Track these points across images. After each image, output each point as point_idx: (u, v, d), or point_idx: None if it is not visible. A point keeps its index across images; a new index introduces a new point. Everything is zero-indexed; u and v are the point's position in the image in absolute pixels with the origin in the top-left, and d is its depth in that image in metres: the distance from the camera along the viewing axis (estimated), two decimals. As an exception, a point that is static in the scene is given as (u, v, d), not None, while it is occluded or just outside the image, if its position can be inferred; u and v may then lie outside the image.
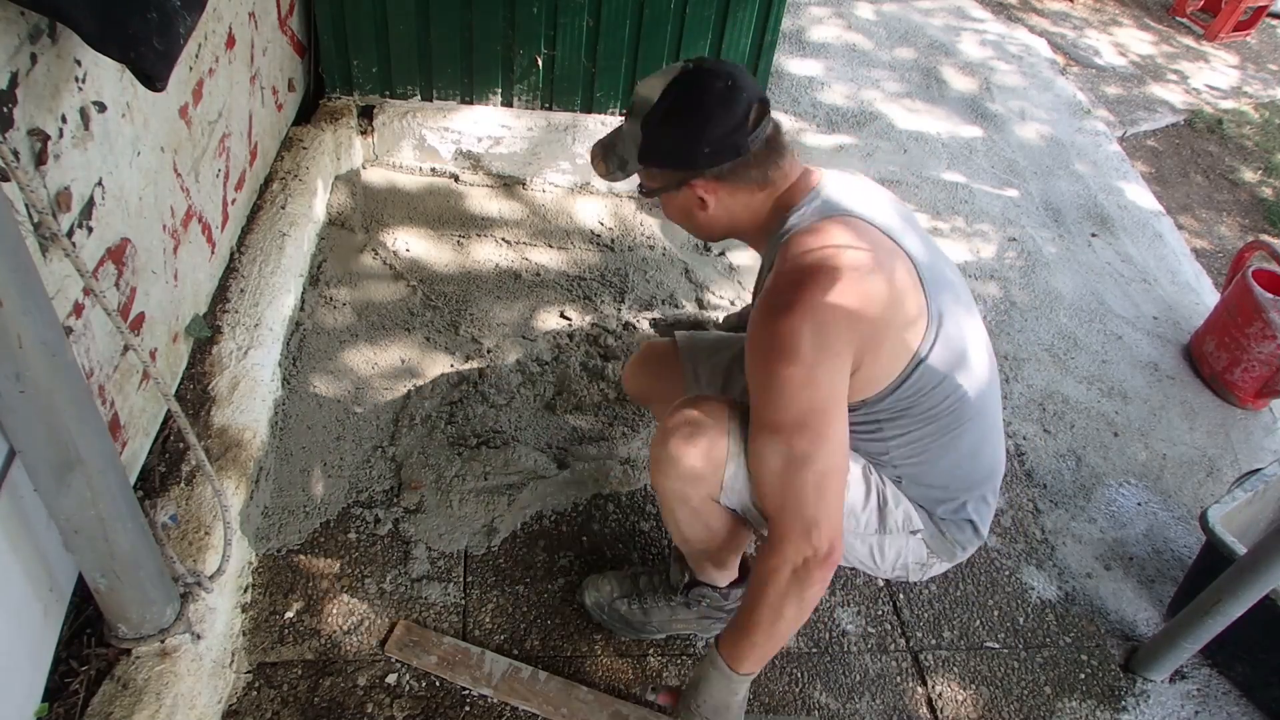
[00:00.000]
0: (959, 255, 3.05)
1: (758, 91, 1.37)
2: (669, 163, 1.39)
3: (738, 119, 1.33)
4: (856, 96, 3.81)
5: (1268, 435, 2.69)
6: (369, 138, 2.76)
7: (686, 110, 1.34)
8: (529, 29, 2.54)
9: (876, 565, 1.59)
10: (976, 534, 1.58)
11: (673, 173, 1.40)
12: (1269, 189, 4.30)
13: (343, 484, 1.96)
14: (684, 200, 1.42)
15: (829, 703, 1.80)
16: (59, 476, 1.14)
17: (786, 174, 1.40)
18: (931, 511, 1.54)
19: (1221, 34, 5.49)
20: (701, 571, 1.70)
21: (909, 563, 1.58)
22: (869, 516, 1.52)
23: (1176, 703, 1.95)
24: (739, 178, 1.38)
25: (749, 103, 1.34)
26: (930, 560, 1.59)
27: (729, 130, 1.33)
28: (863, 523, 1.52)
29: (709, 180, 1.38)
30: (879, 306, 1.29)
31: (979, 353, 1.46)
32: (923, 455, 1.47)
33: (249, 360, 1.90)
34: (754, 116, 1.34)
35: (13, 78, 1.12)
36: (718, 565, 1.67)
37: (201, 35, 1.76)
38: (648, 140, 1.37)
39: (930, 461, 1.48)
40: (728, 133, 1.33)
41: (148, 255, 1.58)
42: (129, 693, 1.35)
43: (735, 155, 1.35)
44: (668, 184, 1.41)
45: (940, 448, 1.46)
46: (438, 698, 1.67)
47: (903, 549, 1.56)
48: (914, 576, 1.62)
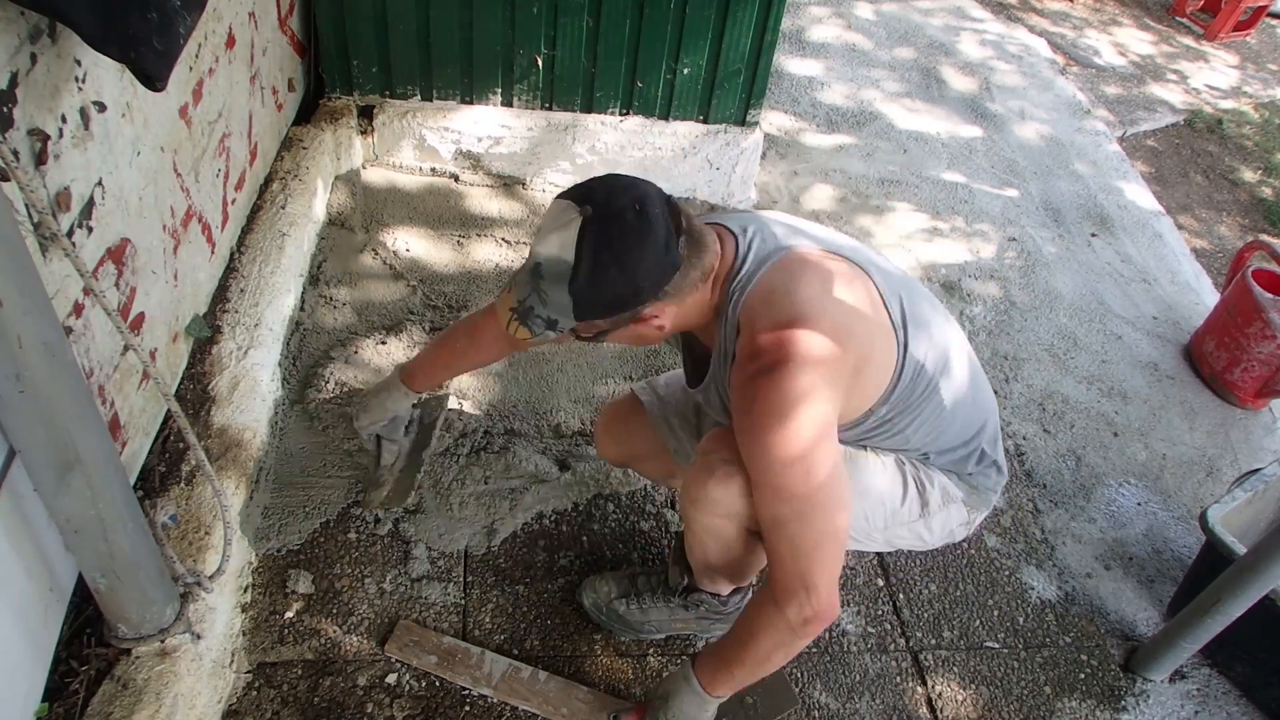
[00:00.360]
0: (959, 255, 3.05)
1: (660, 193, 1.29)
2: (611, 312, 1.29)
3: (663, 238, 1.24)
4: (856, 96, 3.81)
5: (1267, 435, 2.69)
6: (369, 138, 2.76)
7: (611, 258, 1.23)
8: (529, 29, 2.54)
9: (926, 542, 1.62)
10: (1000, 473, 1.60)
11: (618, 316, 1.30)
12: (1269, 189, 4.30)
13: (343, 484, 1.95)
14: (635, 331, 1.35)
15: (829, 703, 1.80)
16: (59, 476, 1.14)
17: (716, 251, 1.34)
18: (960, 472, 1.56)
19: (1221, 34, 5.49)
20: (710, 583, 1.72)
21: (954, 528, 1.61)
22: (910, 505, 1.54)
23: (1176, 703, 1.95)
24: (683, 287, 1.30)
25: (663, 214, 1.25)
26: (972, 516, 1.62)
27: (660, 254, 1.24)
28: (906, 513, 1.54)
29: (657, 304, 1.29)
30: (852, 331, 1.29)
31: (936, 314, 1.47)
32: (937, 427, 1.48)
33: (249, 360, 1.90)
34: (672, 224, 1.26)
35: (13, 78, 1.12)
36: (731, 581, 1.70)
37: (201, 35, 1.76)
38: (580, 302, 1.25)
39: (944, 429, 1.49)
40: (660, 257, 1.24)
41: (148, 255, 1.58)
42: (129, 692, 1.35)
43: (674, 271, 1.27)
44: (614, 325, 1.33)
45: (950, 414, 1.47)
46: (438, 698, 1.67)
47: (946, 519, 1.58)
48: (960, 536, 1.65)
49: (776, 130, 3.48)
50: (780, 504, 1.28)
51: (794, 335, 1.24)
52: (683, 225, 1.28)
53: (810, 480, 1.25)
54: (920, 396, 1.42)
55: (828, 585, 1.29)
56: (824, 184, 3.25)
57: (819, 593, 1.28)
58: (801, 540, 1.27)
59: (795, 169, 3.29)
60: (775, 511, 1.29)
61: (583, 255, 1.22)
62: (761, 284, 1.32)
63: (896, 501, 1.53)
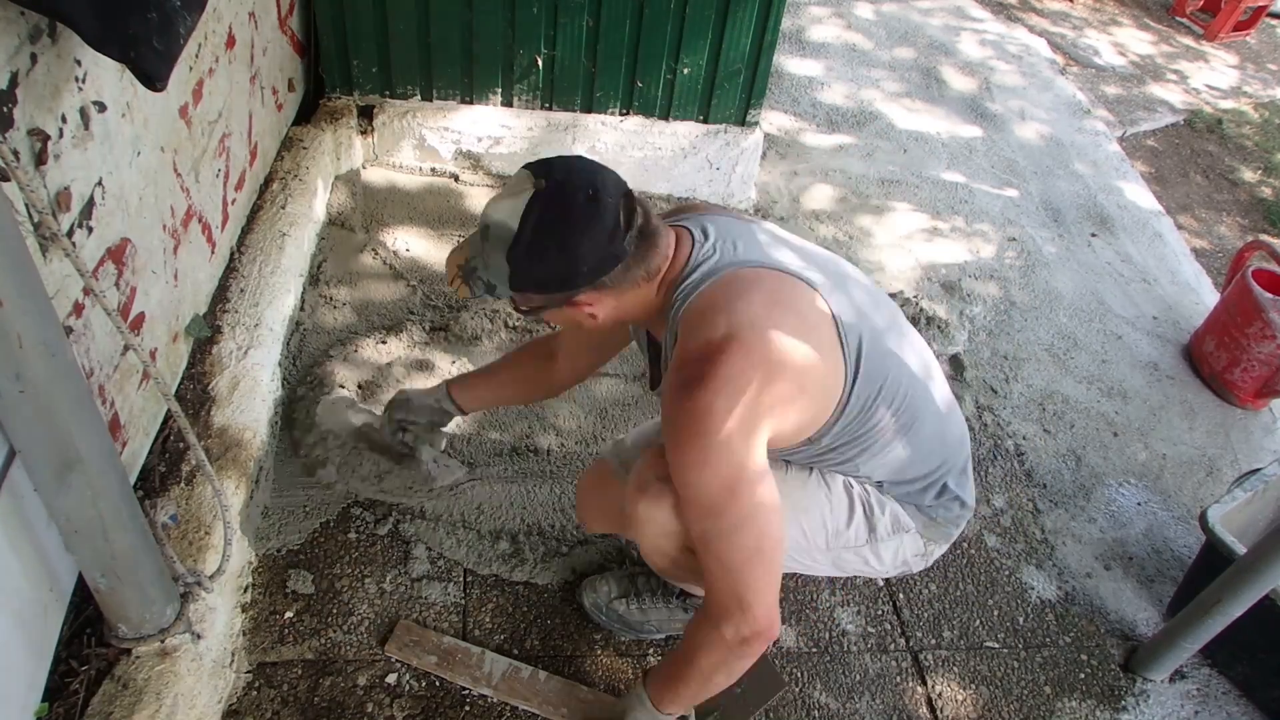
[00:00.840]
0: (959, 255, 3.05)
1: (619, 184, 1.28)
2: (546, 289, 1.30)
3: (609, 228, 1.23)
4: (856, 96, 3.81)
5: (1267, 435, 2.69)
6: (369, 137, 2.76)
7: (553, 235, 1.23)
8: (529, 29, 2.54)
9: (876, 569, 1.60)
10: (964, 507, 1.57)
11: (552, 295, 1.31)
12: (1269, 189, 4.30)
13: (343, 484, 1.95)
14: (569, 314, 1.34)
15: (829, 703, 1.80)
16: (59, 476, 1.14)
17: (666, 254, 1.32)
18: (918, 503, 1.54)
19: (1221, 34, 5.49)
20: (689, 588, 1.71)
21: (908, 558, 1.59)
22: (856, 529, 1.52)
23: (1176, 702, 1.95)
24: (623, 281, 1.29)
25: (616, 205, 1.24)
26: (929, 548, 1.59)
27: (603, 243, 1.24)
28: (851, 536, 1.52)
29: (593, 292, 1.29)
30: (789, 357, 1.25)
31: (904, 346, 1.44)
32: (891, 462, 1.45)
33: (249, 360, 1.90)
34: (624, 218, 1.25)
35: (13, 78, 1.12)
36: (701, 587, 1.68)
37: (201, 35, 1.76)
38: (517, 271, 1.26)
39: (900, 464, 1.47)
40: (602, 245, 1.24)
41: (148, 255, 1.58)
42: (129, 692, 1.35)
43: (615, 264, 1.26)
44: (549, 304, 1.33)
45: (907, 451, 1.45)
46: (437, 697, 1.67)
47: (899, 548, 1.56)
48: (917, 567, 1.63)
49: (776, 130, 3.48)
50: (705, 520, 1.25)
51: (723, 352, 1.22)
52: (635, 221, 1.27)
53: (734, 498, 1.23)
54: (871, 432, 1.39)
55: (763, 603, 1.27)
56: (824, 184, 3.25)
57: (754, 611, 1.26)
58: (730, 557, 1.25)
59: (795, 169, 3.29)
60: (701, 528, 1.26)
61: (526, 227, 1.23)
62: (704, 296, 1.29)
63: (841, 523, 1.51)
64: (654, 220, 1.32)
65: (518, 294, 1.31)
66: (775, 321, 1.26)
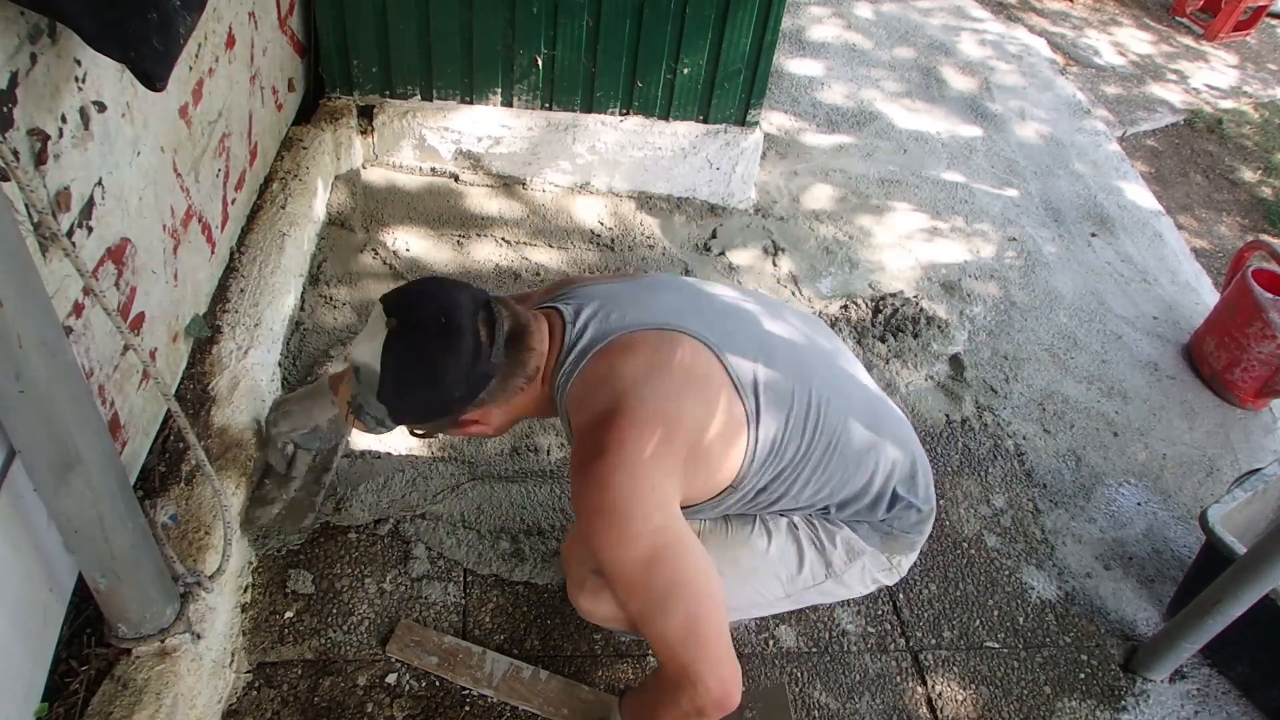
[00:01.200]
0: (959, 255, 3.05)
1: (475, 299, 1.26)
2: (427, 419, 1.33)
3: (470, 350, 1.22)
4: (856, 96, 3.81)
5: (1267, 435, 2.69)
6: (369, 137, 2.76)
7: (414, 371, 1.23)
8: (529, 29, 2.54)
9: (844, 595, 1.58)
10: (920, 512, 1.53)
11: (435, 422, 1.33)
12: (1268, 189, 4.30)
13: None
14: (464, 431, 1.35)
15: (829, 703, 1.80)
16: (59, 476, 1.14)
17: (542, 351, 1.32)
18: (870, 520, 1.50)
19: (1221, 34, 5.49)
20: None
21: (875, 576, 1.56)
22: (811, 570, 1.49)
23: (1176, 702, 1.95)
24: (504, 392, 1.29)
25: (473, 325, 1.23)
26: (895, 560, 1.56)
27: (467, 367, 1.23)
28: (808, 577, 1.50)
29: (476, 410, 1.30)
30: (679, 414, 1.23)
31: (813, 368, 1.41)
32: (828, 482, 1.42)
33: (249, 360, 1.90)
34: (485, 334, 1.24)
35: (13, 77, 1.12)
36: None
37: (201, 35, 1.76)
38: (392, 409, 1.29)
39: (839, 482, 1.43)
40: (467, 369, 1.23)
41: (148, 255, 1.58)
42: (129, 692, 1.35)
43: (487, 381, 1.26)
44: (437, 427, 1.36)
45: (841, 466, 1.42)
46: (437, 697, 1.67)
47: (861, 570, 1.53)
48: (890, 580, 1.60)
49: (776, 130, 3.48)
50: (634, 599, 1.22)
51: (610, 426, 1.20)
52: (499, 334, 1.25)
53: (656, 566, 1.19)
54: (792, 465, 1.37)
55: (714, 675, 1.22)
56: (824, 184, 3.25)
57: (705, 684, 1.22)
58: (669, 632, 1.21)
59: (795, 169, 3.29)
60: (633, 608, 1.23)
61: (387, 369, 1.24)
62: (583, 373, 1.28)
63: (792, 569, 1.48)
64: (521, 318, 1.31)
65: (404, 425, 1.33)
66: (659, 381, 1.24)
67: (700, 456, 1.27)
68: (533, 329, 1.31)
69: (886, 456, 1.47)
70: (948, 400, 2.51)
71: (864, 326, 2.65)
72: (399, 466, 2.00)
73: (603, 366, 1.27)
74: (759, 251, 2.85)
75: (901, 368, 2.54)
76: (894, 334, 2.62)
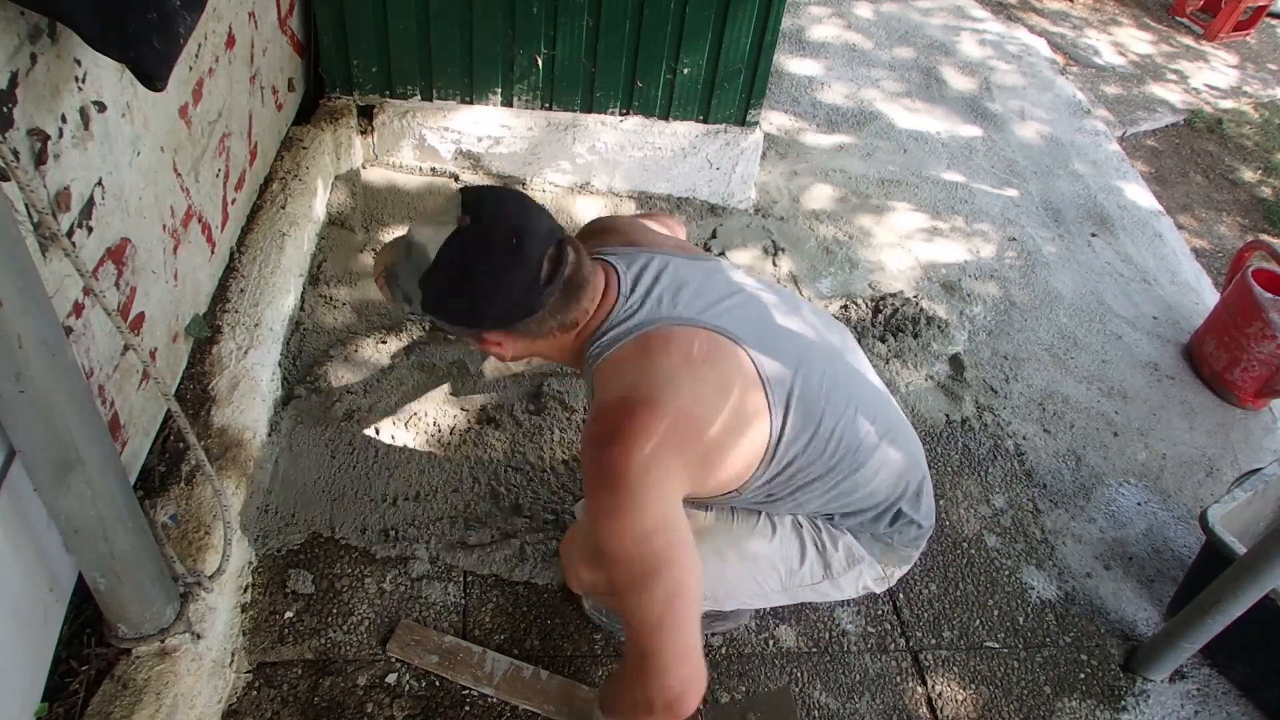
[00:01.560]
0: (959, 255, 3.05)
1: (552, 233, 1.24)
2: (453, 322, 1.29)
3: (527, 280, 1.21)
4: (856, 96, 3.81)
5: (1267, 435, 2.69)
6: (369, 137, 2.76)
7: (466, 277, 1.21)
8: (529, 29, 2.54)
9: (839, 596, 1.59)
10: (920, 529, 1.55)
11: (459, 328, 1.31)
12: (1268, 188, 4.30)
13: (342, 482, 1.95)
14: (480, 344, 1.33)
15: (829, 702, 1.80)
16: (59, 476, 1.14)
17: (588, 309, 1.30)
18: (873, 531, 1.53)
19: (1221, 34, 5.49)
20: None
21: (868, 583, 1.58)
22: (811, 568, 1.51)
23: (1176, 702, 1.95)
24: (535, 329, 1.28)
25: (540, 256, 1.21)
26: (888, 571, 1.58)
27: (517, 295, 1.22)
28: (806, 574, 1.52)
29: (501, 334, 1.29)
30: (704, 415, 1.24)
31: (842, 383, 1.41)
32: (837, 498, 1.44)
33: (249, 360, 1.90)
34: (548, 270, 1.22)
35: (13, 77, 1.12)
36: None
37: (201, 35, 1.76)
38: (427, 299, 1.25)
39: (847, 499, 1.45)
40: (515, 297, 1.22)
41: (148, 255, 1.58)
42: (129, 692, 1.35)
43: (527, 315, 1.25)
44: (458, 333, 1.35)
45: (853, 486, 1.43)
46: (437, 697, 1.67)
47: (858, 577, 1.56)
48: (880, 589, 1.63)
49: (776, 130, 3.48)
50: (618, 571, 1.22)
51: (634, 412, 1.20)
52: (561, 274, 1.24)
53: (645, 549, 1.19)
54: (810, 476, 1.38)
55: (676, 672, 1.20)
56: (824, 184, 3.25)
57: (663, 679, 1.19)
58: (643, 614, 1.20)
59: (795, 169, 3.29)
60: (616, 578, 1.23)
61: (441, 262, 1.21)
62: (619, 352, 1.28)
63: (793, 564, 1.51)
64: (584, 270, 1.28)
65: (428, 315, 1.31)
66: (691, 379, 1.24)
67: (713, 461, 1.28)
68: (589, 284, 1.29)
69: (898, 474, 1.48)
70: (948, 400, 2.51)
71: (864, 326, 2.65)
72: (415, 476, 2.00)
73: (638, 353, 1.27)
74: (759, 251, 2.85)
75: (901, 368, 2.54)
76: (894, 334, 2.62)
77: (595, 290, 1.31)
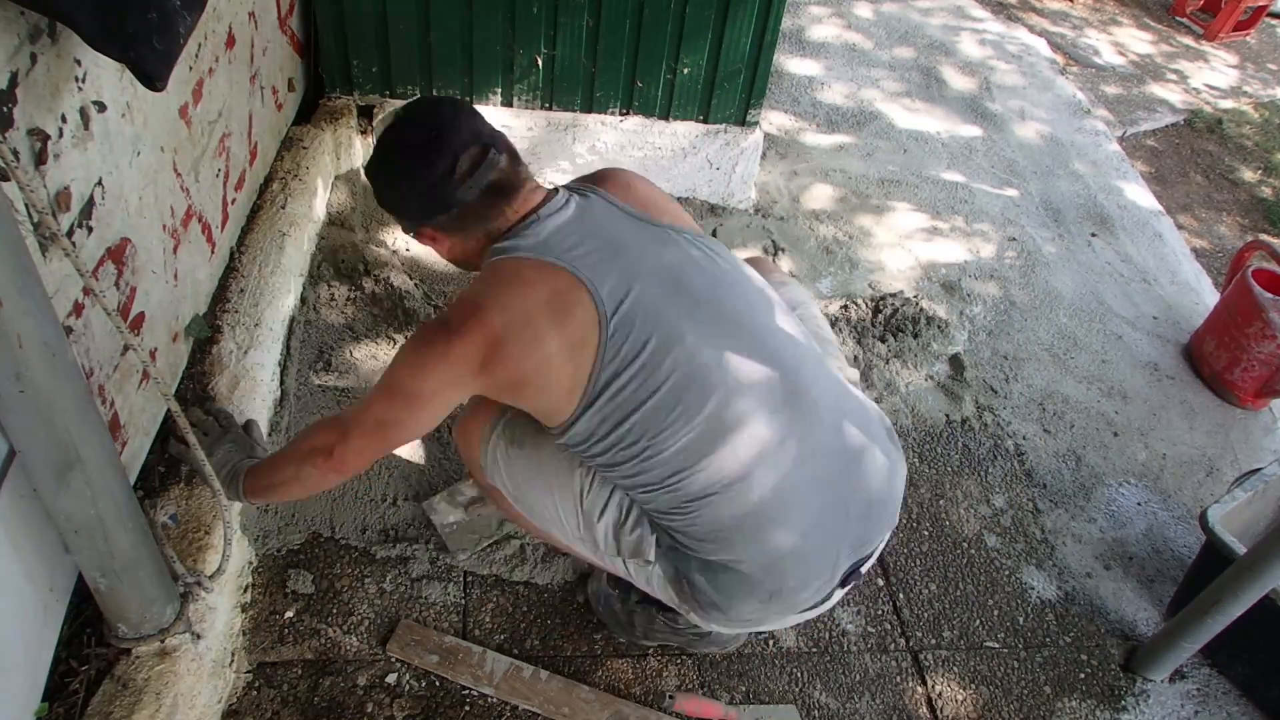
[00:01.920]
0: (959, 255, 3.05)
1: (475, 136, 1.33)
2: (395, 213, 1.43)
3: (439, 174, 1.31)
4: (856, 96, 3.81)
5: (1267, 435, 2.69)
6: (369, 137, 2.76)
7: (387, 165, 1.37)
8: (529, 29, 2.54)
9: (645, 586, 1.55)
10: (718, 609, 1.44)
11: (402, 220, 1.43)
12: (1268, 188, 4.30)
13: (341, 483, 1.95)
14: (419, 238, 1.44)
15: (829, 702, 1.80)
16: (59, 476, 1.14)
17: (512, 218, 1.37)
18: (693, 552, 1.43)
19: (1221, 34, 5.49)
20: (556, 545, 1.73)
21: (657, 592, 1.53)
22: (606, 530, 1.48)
23: (1176, 702, 1.95)
24: (459, 228, 1.37)
25: (455, 154, 1.31)
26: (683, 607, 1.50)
27: (430, 186, 1.32)
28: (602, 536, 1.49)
29: (433, 229, 1.40)
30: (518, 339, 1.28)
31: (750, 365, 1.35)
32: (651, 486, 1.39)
33: (249, 360, 1.90)
34: (464, 168, 1.31)
35: (13, 77, 1.12)
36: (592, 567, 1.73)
37: (201, 35, 1.76)
38: (374, 191, 1.43)
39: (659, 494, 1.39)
40: (430, 188, 1.32)
41: (148, 255, 1.58)
42: (129, 692, 1.35)
43: (442, 211, 1.34)
44: (405, 226, 1.44)
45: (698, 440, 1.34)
46: (437, 697, 1.67)
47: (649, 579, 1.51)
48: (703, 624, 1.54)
49: (776, 130, 3.48)
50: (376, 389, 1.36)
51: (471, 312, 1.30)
52: (480, 176, 1.32)
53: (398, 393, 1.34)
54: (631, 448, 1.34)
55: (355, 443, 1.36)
56: (824, 184, 3.25)
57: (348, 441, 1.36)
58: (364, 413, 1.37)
59: (795, 169, 3.29)
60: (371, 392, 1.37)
61: (374, 154, 1.40)
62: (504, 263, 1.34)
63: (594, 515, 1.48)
64: (514, 180, 1.36)
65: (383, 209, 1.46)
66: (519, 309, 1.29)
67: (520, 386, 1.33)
68: (518, 195, 1.37)
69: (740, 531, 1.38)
70: (948, 400, 2.51)
71: (864, 326, 2.65)
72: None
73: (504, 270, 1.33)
74: (759, 251, 2.85)
75: (901, 368, 2.54)
76: (894, 334, 2.62)
77: (523, 203, 1.37)
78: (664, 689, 1.74)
